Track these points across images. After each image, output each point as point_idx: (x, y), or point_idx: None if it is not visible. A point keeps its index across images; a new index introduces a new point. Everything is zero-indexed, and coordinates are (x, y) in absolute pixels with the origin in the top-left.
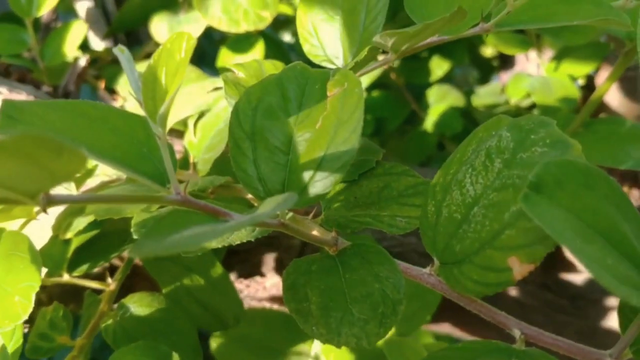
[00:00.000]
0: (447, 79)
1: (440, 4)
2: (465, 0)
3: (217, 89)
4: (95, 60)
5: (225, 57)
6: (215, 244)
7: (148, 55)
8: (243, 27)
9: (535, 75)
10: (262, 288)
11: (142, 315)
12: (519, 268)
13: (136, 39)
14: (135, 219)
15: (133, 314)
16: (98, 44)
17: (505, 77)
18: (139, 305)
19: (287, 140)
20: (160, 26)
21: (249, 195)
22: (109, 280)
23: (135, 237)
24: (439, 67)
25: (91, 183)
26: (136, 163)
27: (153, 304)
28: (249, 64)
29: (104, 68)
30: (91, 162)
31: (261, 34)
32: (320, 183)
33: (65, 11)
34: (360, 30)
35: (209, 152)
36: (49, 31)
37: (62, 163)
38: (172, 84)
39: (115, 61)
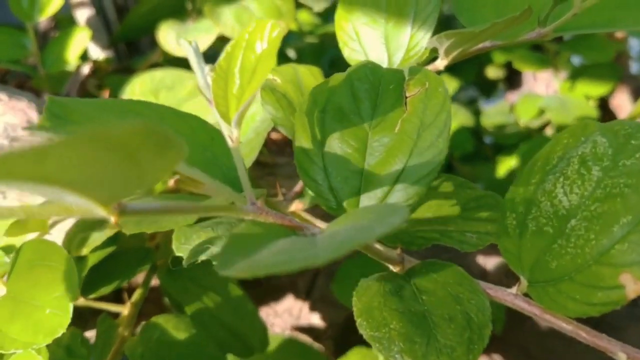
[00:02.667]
0: None
1: (490, 6)
2: (517, 6)
3: None
4: (95, 70)
5: None
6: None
7: (153, 65)
8: None
9: (550, 95)
10: (274, 313)
11: (170, 339)
12: (634, 286)
13: (136, 49)
14: (177, 233)
15: (160, 337)
16: (97, 53)
17: (512, 97)
18: (164, 327)
19: (361, 146)
20: (167, 35)
21: (292, 209)
22: (127, 302)
23: (177, 253)
24: (448, 85)
25: None
26: (204, 168)
27: (179, 327)
28: (283, 69)
29: (105, 78)
30: None
31: None
32: (401, 193)
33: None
34: (408, 34)
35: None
36: (47, 40)
37: (164, 160)
38: (251, 82)
39: (117, 71)
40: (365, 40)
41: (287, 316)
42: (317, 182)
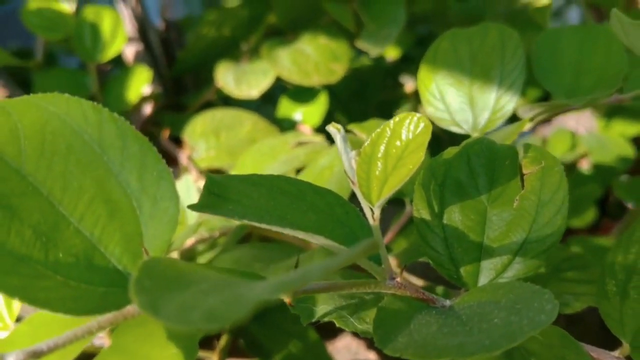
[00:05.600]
0: None
1: (568, 71)
2: (594, 71)
3: (301, 143)
4: None
5: (286, 108)
6: None
7: (206, 103)
8: (314, 80)
9: (588, 134)
10: (334, 349)
11: None
12: None
13: (180, 85)
14: None
15: None
16: (146, 88)
17: (543, 130)
18: None
19: (480, 219)
20: (226, 76)
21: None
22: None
23: (293, 311)
24: None
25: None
26: (340, 242)
27: None
28: (368, 125)
29: (160, 115)
30: (193, 220)
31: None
32: (520, 265)
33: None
34: (494, 97)
35: None
36: (101, 75)
37: None
38: (394, 171)
39: (168, 107)
40: (450, 100)
41: (345, 352)
42: (437, 252)
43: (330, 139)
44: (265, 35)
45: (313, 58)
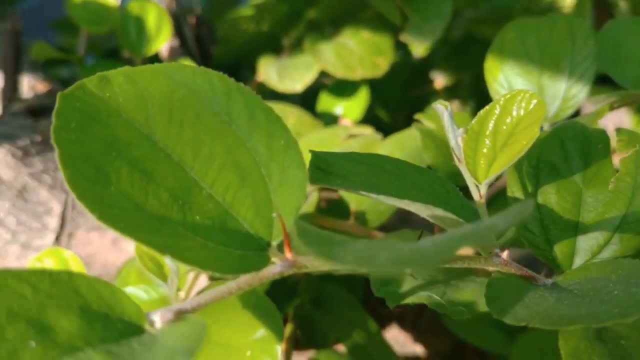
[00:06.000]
0: None
1: (634, 62)
2: None
3: (352, 136)
4: None
5: (327, 102)
6: None
7: None
8: (358, 74)
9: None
10: None
11: None
12: None
13: None
14: (374, 276)
15: None
16: None
17: None
18: None
19: (576, 200)
20: (269, 71)
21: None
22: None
23: (378, 294)
24: None
25: None
26: None
27: None
28: (435, 115)
29: None
30: None
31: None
32: (615, 246)
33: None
34: (564, 87)
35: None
36: None
37: None
38: (504, 148)
39: None
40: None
41: (393, 344)
42: (533, 233)
43: (379, 132)
44: (305, 29)
45: (357, 52)
